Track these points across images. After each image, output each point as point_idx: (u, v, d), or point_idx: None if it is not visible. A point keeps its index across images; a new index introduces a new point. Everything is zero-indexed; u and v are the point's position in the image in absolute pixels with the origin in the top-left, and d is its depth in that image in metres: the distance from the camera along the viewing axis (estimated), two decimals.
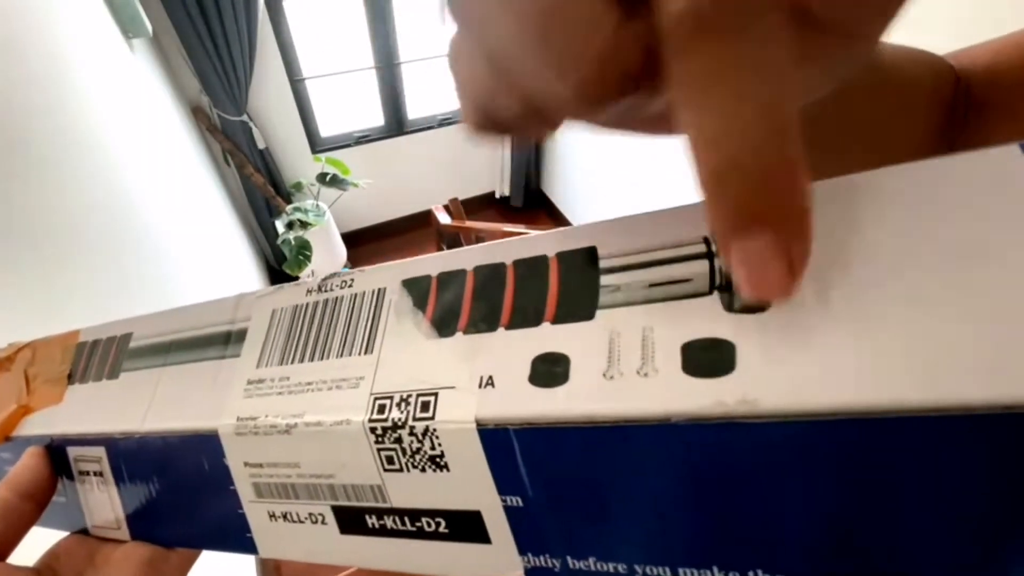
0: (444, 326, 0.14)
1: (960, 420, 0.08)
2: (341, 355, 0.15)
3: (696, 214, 0.12)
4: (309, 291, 0.17)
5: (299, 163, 2.17)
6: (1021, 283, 0.08)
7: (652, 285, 0.12)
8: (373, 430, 0.13)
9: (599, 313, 0.12)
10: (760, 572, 0.10)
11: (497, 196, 2.77)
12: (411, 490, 0.14)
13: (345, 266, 2.34)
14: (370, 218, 2.58)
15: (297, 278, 2.13)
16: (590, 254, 0.13)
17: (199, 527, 0.18)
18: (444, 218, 1.93)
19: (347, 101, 2.24)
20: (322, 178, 1.99)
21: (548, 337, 0.12)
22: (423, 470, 0.13)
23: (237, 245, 1.92)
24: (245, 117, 1.87)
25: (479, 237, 1.75)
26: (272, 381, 0.15)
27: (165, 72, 1.64)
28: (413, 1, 1.93)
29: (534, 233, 0.15)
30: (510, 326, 0.13)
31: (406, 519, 0.14)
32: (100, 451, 0.18)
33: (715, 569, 0.11)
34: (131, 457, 0.18)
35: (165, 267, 1.08)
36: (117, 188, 0.93)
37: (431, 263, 0.15)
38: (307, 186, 2.06)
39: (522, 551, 0.13)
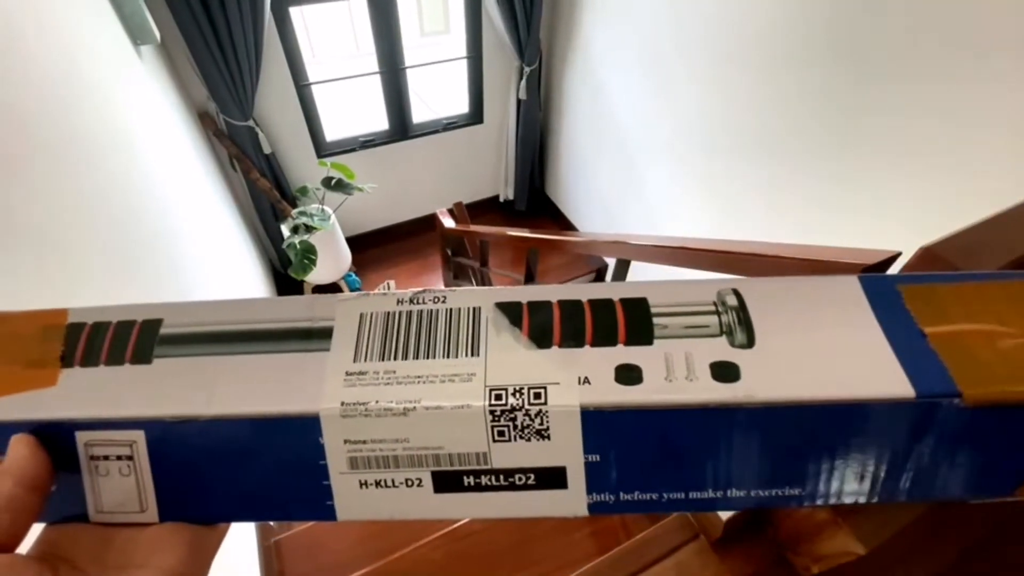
0: (541, 340, 0.19)
1: (845, 407, 0.17)
2: (448, 356, 0.19)
3: (708, 284, 0.19)
4: (400, 301, 0.20)
5: (304, 168, 2.19)
6: (845, 342, 0.18)
7: (687, 327, 0.19)
8: (492, 412, 0.17)
9: (656, 341, 0.18)
10: (734, 490, 0.18)
11: (501, 200, 2.78)
12: (513, 454, 0.18)
13: (351, 270, 2.35)
14: (375, 222, 2.59)
15: (302, 282, 2.14)
16: (643, 302, 0.19)
17: (267, 501, 0.19)
18: (448, 222, 1.94)
19: (352, 106, 2.26)
20: (327, 182, 2.00)
21: (623, 353, 0.18)
22: (528, 440, 0.18)
23: (242, 249, 1.93)
24: (251, 122, 1.88)
25: (483, 241, 1.76)
26: (376, 374, 0.18)
27: (172, 78, 1.66)
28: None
29: (601, 283, 0.20)
30: (594, 344, 0.18)
31: (501, 476, 0.18)
32: (135, 435, 0.18)
33: (723, 492, 0.18)
34: (183, 440, 0.18)
35: (170, 270, 1.09)
36: (125, 191, 0.94)
37: (517, 293, 0.20)
38: (312, 190, 2.07)
39: (589, 491, 0.18)
